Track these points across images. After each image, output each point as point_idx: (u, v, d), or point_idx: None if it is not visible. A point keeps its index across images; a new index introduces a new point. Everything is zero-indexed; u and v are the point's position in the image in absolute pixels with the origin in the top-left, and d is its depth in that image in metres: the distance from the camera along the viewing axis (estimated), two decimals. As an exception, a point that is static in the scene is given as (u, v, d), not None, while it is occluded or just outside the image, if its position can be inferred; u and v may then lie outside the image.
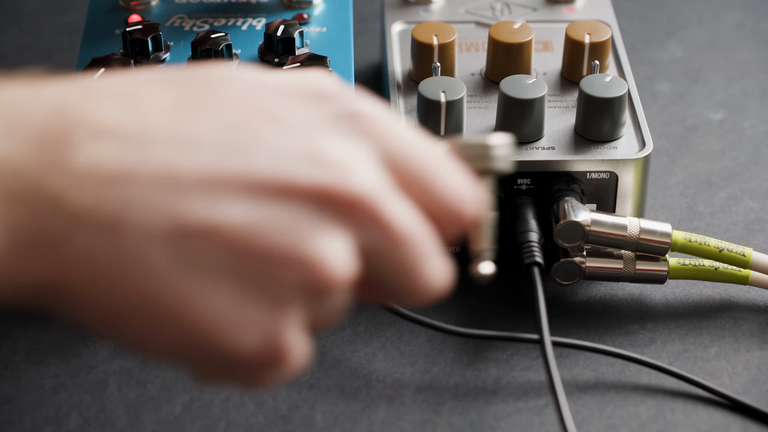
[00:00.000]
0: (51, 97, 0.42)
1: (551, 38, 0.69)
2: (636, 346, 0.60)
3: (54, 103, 0.42)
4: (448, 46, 0.65)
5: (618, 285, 0.63)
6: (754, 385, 0.58)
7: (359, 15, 0.79)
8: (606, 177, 0.62)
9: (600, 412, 0.57)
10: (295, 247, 0.41)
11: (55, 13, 0.82)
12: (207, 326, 0.41)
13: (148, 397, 0.57)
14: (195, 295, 0.41)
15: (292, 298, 0.42)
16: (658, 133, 0.73)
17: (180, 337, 0.41)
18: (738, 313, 0.62)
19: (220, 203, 0.41)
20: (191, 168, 0.41)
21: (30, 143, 0.40)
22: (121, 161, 0.40)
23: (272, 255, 0.41)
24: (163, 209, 0.40)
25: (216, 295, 0.41)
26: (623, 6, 0.82)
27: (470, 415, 0.56)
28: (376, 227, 0.42)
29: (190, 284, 0.41)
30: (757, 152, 0.72)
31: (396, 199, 0.43)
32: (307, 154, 0.42)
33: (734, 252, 0.60)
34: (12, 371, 0.58)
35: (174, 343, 0.42)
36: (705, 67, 0.78)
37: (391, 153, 0.44)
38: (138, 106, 0.42)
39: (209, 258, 0.41)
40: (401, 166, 0.44)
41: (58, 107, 0.41)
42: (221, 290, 0.41)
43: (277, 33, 0.65)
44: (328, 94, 0.44)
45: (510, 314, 0.61)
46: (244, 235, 0.41)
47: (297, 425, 0.56)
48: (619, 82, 0.62)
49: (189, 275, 0.41)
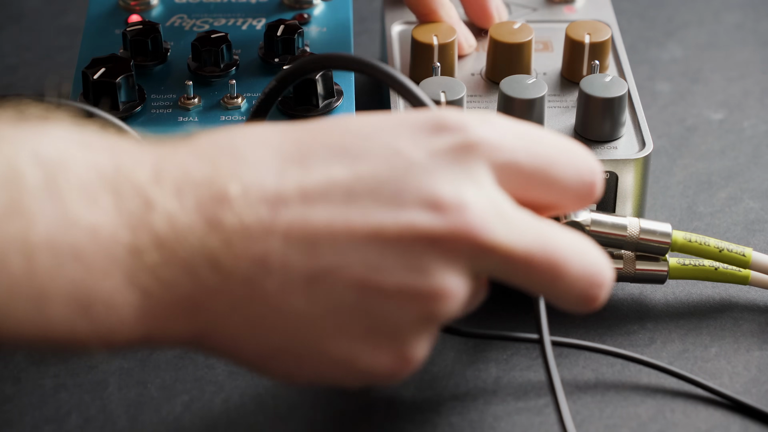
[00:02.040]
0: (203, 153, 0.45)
1: (551, 38, 0.69)
2: (636, 346, 0.60)
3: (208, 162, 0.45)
4: (448, 46, 0.65)
5: (618, 285, 0.63)
6: (754, 385, 0.58)
7: (359, 15, 0.79)
8: (606, 177, 0.62)
9: (600, 412, 0.57)
10: (412, 284, 0.46)
11: (55, 13, 0.82)
12: (347, 356, 0.47)
13: (148, 397, 0.57)
14: (333, 332, 0.46)
15: (415, 325, 0.47)
16: (658, 133, 0.73)
17: (325, 367, 0.47)
18: (738, 313, 0.62)
19: (347, 250, 0.45)
20: (320, 221, 0.45)
21: (193, 203, 0.44)
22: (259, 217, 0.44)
23: (393, 291, 0.46)
24: (298, 259, 0.45)
25: (351, 329, 0.46)
26: (623, 6, 0.82)
27: (470, 415, 0.56)
28: (492, 257, 0.47)
29: (327, 321, 0.46)
30: (757, 152, 0.72)
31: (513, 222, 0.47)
32: (423, 199, 0.46)
33: (734, 252, 0.60)
34: (12, 371, 0.58)
35: (321, 372, 0.47)
36: (705, 67, 0.78)
37: (508, 167, 0.48)
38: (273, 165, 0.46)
39: (340, 296, 0.45)
40: (521, 174, 0.48)
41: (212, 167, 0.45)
42: (355, 324, 0.46)
43: (277, 33, 0.65)
44: (445, 125, 0.48)
45: (510, 314, 0.61)
46: (367, 274, 0.45)
47: (297, 425, 0.56)
48: (619, 82, 0.62)
49: (324, 313, 0.46)
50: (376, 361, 0.47)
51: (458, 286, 0.47)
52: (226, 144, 0.46)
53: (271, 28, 0.66)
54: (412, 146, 0.47)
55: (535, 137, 0.49)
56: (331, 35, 0.68)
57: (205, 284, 0.44)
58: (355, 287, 0.46)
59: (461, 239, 0.46)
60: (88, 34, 0.68)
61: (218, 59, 0.65)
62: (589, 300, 0.49)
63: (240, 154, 0.45)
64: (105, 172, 0.44)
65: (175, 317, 0.45)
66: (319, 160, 0.46)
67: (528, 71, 0.66)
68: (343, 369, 0.47)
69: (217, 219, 0.44)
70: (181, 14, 0.70)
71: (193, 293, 0.44)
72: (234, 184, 0.44)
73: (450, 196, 0.46)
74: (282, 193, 0.45)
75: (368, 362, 0.47)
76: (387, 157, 0.46)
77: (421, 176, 0.46)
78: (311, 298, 0.45)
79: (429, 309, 0.47)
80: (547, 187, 0.50)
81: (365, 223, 0.45)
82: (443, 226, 0.46)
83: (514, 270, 0.48)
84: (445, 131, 0.47)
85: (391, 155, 0.46)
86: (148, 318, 0.44)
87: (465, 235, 0.46)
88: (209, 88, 0.65)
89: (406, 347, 0.47)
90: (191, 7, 0.70)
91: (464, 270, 0.47)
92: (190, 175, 0.44)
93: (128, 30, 0.65)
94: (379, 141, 0.47)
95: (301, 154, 0.46)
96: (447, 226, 0.46)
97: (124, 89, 0.62)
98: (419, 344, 0.48)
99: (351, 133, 0.47)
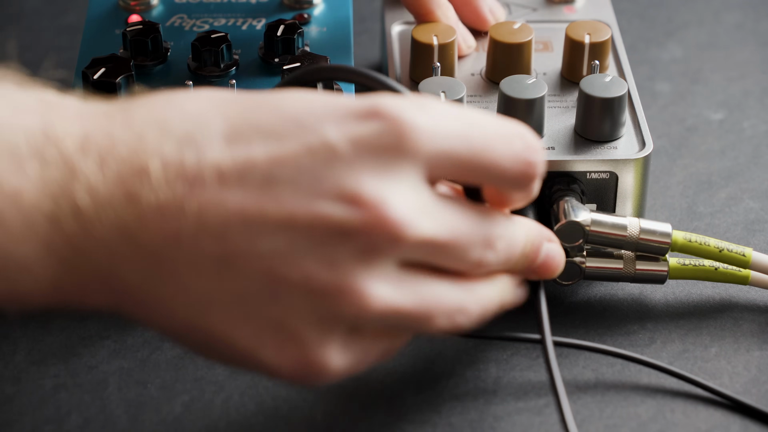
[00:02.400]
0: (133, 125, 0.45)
1: (551, 38, 0.69)
2: (636, 346, 0.60)
3: (135, 135, 0.45)
4: (448, 46, 0.65)
5: (618, 285, 0.63)
6: (754, 385, 0.58)
7: (359, 15, 0.79)
8: (606, 177, 0.62)
9: (600, 412, 0.57)
10: (318, 277, 0.45)
11: (55, 13, 0.82)
12: (251, 346, 0.46)
13: (148, 397, 0.57)
14: (238, 318, 0.46)
15: (319, 325, 0.46)
16: (658, 133, 0.73)
17: (232, 352, 0.47)
18: (738, 313, 0.62)
19: (257, 237, 0.45)
20: (234, 205, 0.44)
21: (114, 175, 0.44)
22: (174, 195, 0.44)
23: (299, 282, 0.45)
24: (209, 242, 0.45)
25: (256, 319, 0.46)
26: (623, 6, 0.82)
27: (470, 415, 0.56)
28: (415, 250, 0.46)
29: (234, 306, 0.45)
30: (757, 152, 0.72)
31: (432, 216, 0.47)
32: (340, 193, 0.45)
33: (734, 252, 0.60)
34: (12, 371, 0.58)
35: (230, 356, 0.47)
36: (705, 67, 0.78)
37: (441, 155, 0.47)
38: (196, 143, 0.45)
39: (248, 282, 0.45)
40: (455, 161, 0.47)
41: (138, 140, 0.45)
42: (261, 314, 0.46)
43: (277, 33, 0.65)
44: (377, 111, 0.47)
45: (510, 314, 0.61)
46: (276, 262, 0.45)
47: (297, 425, 0.56)
48: (619, 82, 0.62)
49: (233, 298, 0.45)
50: (279, 359, 0.46)
51: (370, 288, 0.46)
52: (158, 116, 0.46)
53: (271, 28, 0.66)
54: (339, 134, 0.46)
55: (470, 122, 0.48)
56: (331, 35, 0.68)
57: (119, 256, 0.45)
58: (263, 275, 0.45)
59: (378, 235, 0.45)
60: (88, 34, 0.68)
61: (218, 59, 0.65)
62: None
63: (168, 129, 0.45)
64: (33, 137, 0.44)
65: (90, 285, 0.46)
66: (243, 139, 0.45)
67: (528, 71, 0.66)
68: (249, 359, 0.47)
69: (136, 193, 0.44)
70: (181, 14, 0.70)
71: (108, 264, 0.45)
72: (154, 159, 0.44)
73: (368, 192, 0.45)
74: (200, 172, 0.45)
75: (271, 358, 0.46)
76: (311, 144, 0.45)
77: (342, 169, 0.45)
78: (220, 281, 0.45)
79: (334, 306, 0.46)
80: (484, 171, 0.49)
81: (278, 210, 0.45)
82: (359, 220, 0.45)
83: (441, 257, 0.48)
84: (375, 118, 0.46)
85: (316, 142, 0.45)
86: (64, 284, 0.45)
87: (382, 230, 0.45)
88: (209, 88, 0.65)
89: (309, 350, 0.46)
90: (191, 7, 0.70)
91: (382, 273, 0.46)
92: (116, 147, 0.45)
93: (128, 30, 0.65)
94: (307, 125, 0.46)
95: (229, 131, 0.46)
96: (363, 220, 0.45)
97: (124, 89, 0.62)
98: (327, 350, 0.47)
99: (282, 113, 0.46)
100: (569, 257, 0.60)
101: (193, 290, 0.45)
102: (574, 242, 0.59)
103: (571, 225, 0.58)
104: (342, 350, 0.47)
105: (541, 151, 0.50)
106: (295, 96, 0.47)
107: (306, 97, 0.47)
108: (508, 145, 0.49)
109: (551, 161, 0.61)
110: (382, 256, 0.46)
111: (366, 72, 0.51)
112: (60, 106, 0.46)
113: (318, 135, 0.45)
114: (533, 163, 0.49)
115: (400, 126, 0.46)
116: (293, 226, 0.45)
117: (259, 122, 0.46)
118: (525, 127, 0.50)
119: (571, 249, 0.60)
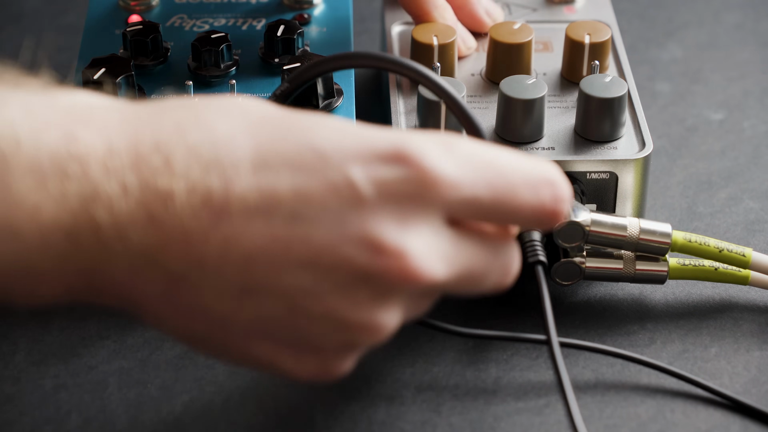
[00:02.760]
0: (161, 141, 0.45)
1: (551, 38, 0.69)
2: (636, 346, 0.60)
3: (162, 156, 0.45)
4: (448, 46, 0.65)
5: (618, 285, 0.63)
6: (754, 385, 0.58)
7: (359, 15, 0.79)
8: (606, 177, 0.62)
9: (600, 412, 0.57)
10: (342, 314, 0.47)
11: (55, 13, 0.82)
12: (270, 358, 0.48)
13: (148, 397, 0.57)
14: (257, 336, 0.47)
15: (339, 348, 0.48)
16: (658, 133, 0.73)
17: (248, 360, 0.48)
18: (738, 313, 0.62)
19: (281, 272, 0.45)
20: (259, 239, 0.45)
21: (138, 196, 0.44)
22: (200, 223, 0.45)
23: (321, 316, 0.47)
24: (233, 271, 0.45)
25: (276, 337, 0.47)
26: (623, 6, 0.82)
27: (470, 415, 0.56)
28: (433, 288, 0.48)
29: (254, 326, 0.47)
30: (757, 152, 0.72)
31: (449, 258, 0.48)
32: (364, 239, 0.46)
33: (734, 252, 0.60)
34: (12, 371, 0.58)
35: (245, 363, 0.49)
36: (705, 67, 0.78)
37: (465, 203, 0.48)
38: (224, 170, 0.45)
39: (270, 310, 0.46)
40: (479, 208, 0.48)
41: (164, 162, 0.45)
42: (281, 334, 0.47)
43: (277, 33, 0.65)
44: (403, 156, 0.47)
45: (510, 314, 0.61)
46: (299, 297, 0.46)
47: (297, 425, 0.56)
48: (619, 82, 0.62)
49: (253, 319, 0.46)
50: (299, 367, 0.48)
51: (388, 322, 0.48)
52: (186, 136, 0.46)
53: (271, 28, 0.66)
54: (364, 177, 0.46)
55: (498, 167, 0.48)
56: (331, 35, 0.68)
57: (139, 275, 0.45)
58: (286, 305, 0.46)
59: (398, 282, 0.46)
60: (88, 34, 0.68)
61: (218, 59, 0.65)
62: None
63: (196, 153, 0.45)
64: (57, 153, 0.44)
65: (106, 292, 0.46)
66: (271, 170, 0.46)
67: (528, 71, 0.66)
68: (266, 366, 0.48)
69: (159, 218, 0.44)
70: (181, 14, 0.70)
71: (128, 280, 0.45)
72: (180, 182, 0.45)
73: (390, 241, 0.46)
74: (226, 203, 0.45)
75: (291, 366, 0.48)
76: (336, 183, 0.46)
77: (366, 215, 0.46)
78: (241, 306, 0.46)
79: (354, 338, 0.48)
80: (506, 218, 0.49)
81: (303, 249, 0.45)
82: (380, 268, 0.46)
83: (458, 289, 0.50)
84: (401, 163, 0.47)
85: (341, 182, 0.46)
86: (79, 290, 0.46)
87: (402, 278, 0.46)
88: (209, 89, 0.65)
89: (329, 362, 0.49)
90: (191, 7, 0.70)
91: (397, 307, 0.48)
92: (141, 165, 0.44)
93: (128, 30, 0.65)
94: (334, 161, 0.46)
95: (257, 160, 0.46)
96: (384, 268, 0.46)
97: (124, 89, 0.62)
98: (344, 361, 0.49)
99: (311, 144, 0.46)
100: (569, 257, 0.60)
101: (215, 310, 0.46)
102: (573, 242, 0.59)
103: (571, 225, 0.58)
104: (354, 358, 0.50)
105: (568, 200, 0.50)
106: (327, 125, 0.47)
107: (337, 128, 0.47)
108: (534, 195, 0.49)
109: (551, 161, 0.61)
110: (400, 296, 0.48)
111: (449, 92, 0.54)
112: (84, 115, 0.46)
113: (343, 175, 0.46)
114: (558, 213, 0.49)
115: (424, 175, 0.47)
116: (317, 265, 0.46)
117: (286, 152, 0.46)
118: (556, 171, 0.50)
119: (571, 249, 0.60)
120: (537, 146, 0.62)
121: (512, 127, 0.62)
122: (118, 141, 0.45)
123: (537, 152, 0.62)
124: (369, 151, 0.47)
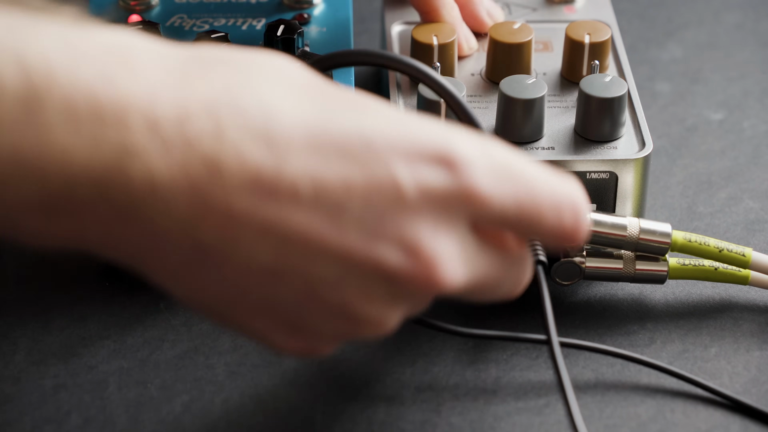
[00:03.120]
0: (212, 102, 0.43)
1: (551, 38, 0.69)
2: (636, 346, 0.60)
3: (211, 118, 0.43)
4: (448, 46, 0.65)
5: (618, 285, 0.63)
6: (754, 385, 0.58)
7: (359, 15, 0.79)
8: (606, 177, 0.62)
9: (600, 412, 0.57)
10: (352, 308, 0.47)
11: (55, 13, 0.82)
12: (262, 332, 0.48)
13: (148, 397, 0.57)
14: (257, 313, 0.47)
15: (335, 336, 0.48)
16: (658, 133, 0.73)
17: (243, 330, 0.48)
18: (738, 313, 0.62)
19: (313, 261, 0.45)
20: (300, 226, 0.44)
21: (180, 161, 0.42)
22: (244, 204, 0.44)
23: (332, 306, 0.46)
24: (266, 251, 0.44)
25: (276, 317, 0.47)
26: (623, 6, 0.82)
27: (470, 415, 0.56)
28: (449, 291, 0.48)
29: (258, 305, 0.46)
30: (757, 152, 0.72)
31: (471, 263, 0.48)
32: (400, 240, 0.46)
33: (734, 252, 0.60)
34: (12, 371, 0.58)
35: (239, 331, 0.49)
36: (705, 67, 0.78)
37: (493, 218, 0.48)
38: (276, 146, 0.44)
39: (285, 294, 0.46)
40: (505, 222, 0.48)
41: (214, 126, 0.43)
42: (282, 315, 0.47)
43: (277, 33, 0.65)
44: (448, 159, 0.46)
45: (510, 314, 0.61)
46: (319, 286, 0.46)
47: (297, 425, 0.56)
48: (619, 82, 0.62)
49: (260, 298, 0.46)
50: (287, 343, 0.48)
51: (393, 319, 0.48)
52: (238, 99, 0.43)
53: (271, 28, 0.66)
54: (408, 177, 0.45)
55: (526, 184, 0.48)
56: (331, 35, 0.68)
57: (164, 239, 0.43)
58: (303, 291, 0.46)
59: (422, 287, 0.47)
60: (88, 34, 0.68)
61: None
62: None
63: (248, 119, 0.43)
64: (93, 93, 0.41)
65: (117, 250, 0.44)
66: (323, 157, 0.44)
67: (528, 71, 0.66)
68: (257, 337, 0.48)
69: (201, 186, 0.42)
70: (181, 14, 0.70)
71: (147, 242, 0.43)
72: (230, 152, 0.42)
73: (425, 245, 0.46)
74: (276, 184, 0.43)
75: (280, 341, 0.48)
76: (381, 179, 0.45)
77: (406, 216, 0.46)
78: (260, 285, 0.45)
79: (355, 330, 0.48)
80: (527, 232, 0.50)
81: (339, 243, 0.45)
82: (410, 271, 0.46)
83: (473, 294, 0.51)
84: (446, 167, 0.46)
85: (386, 179, 0.45)
86: (91, 242, 0.43)
87: (427, 284, 0.46)
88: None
89: (318, 344, 0.49)
90: (191, 7, 0.70)
91: (406, 306, 0.48)
92: (187, 125, 0.42)
93: (128, 30, 0.65)
94: (381, 157, 0.45)
95: (310, 139, 0.44)
96: (414, 272, 0.46)
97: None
98: (332, 345, 0.49)
99: (360, 134, 0.45)
100: (569, 257, 0.60)
101: (233, 285, 0.45)
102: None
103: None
104: (342, 344, 0.50)
105: (587, 223, 0.50)
106: (372, 107, 0.47)
107: (382, 114, 0.47)
108: (556, 216, 0.49)
109: (551, 161, 0.61)
110: (414, 298, 0.48)
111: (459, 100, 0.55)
112: (124, 57, 0.43)
113: (389, 171, 0.45)
114: (577, 235, 0.49)
115: (466, 188, 0.46)
116: (348, 260, 0.45)
117: (336, 134, 0.45)
118: (579, 191, 0.50)
119: (571, 249, 0.60)
120: (537, 146, 0.62)
121: (512, 127, 0.62)
122: (163, 93, 0.42)
123: (537, 152, 0.62)
124: (415, 149, 0.46)
